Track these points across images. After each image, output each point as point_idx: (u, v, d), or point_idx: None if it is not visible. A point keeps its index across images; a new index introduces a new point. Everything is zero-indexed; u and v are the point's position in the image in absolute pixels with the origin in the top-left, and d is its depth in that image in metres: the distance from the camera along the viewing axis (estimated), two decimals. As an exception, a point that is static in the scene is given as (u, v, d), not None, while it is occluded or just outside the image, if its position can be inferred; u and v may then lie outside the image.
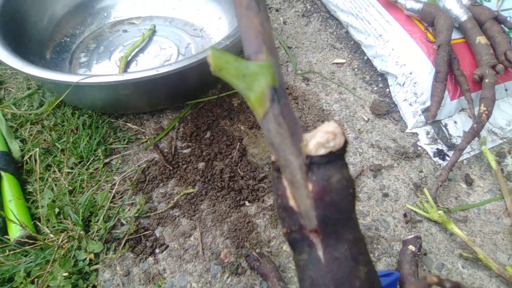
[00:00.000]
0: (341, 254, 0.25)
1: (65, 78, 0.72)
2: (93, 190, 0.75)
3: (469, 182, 0.79)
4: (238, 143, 0.83)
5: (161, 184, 0.78)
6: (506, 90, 0.90)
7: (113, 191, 0.76)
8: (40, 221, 0.72)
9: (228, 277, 0.66)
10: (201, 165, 0.80)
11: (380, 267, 0.68)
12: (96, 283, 0.66)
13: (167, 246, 0.70)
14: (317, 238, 0.25)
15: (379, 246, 0.70)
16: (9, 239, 0.69)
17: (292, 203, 0.24)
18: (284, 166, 0.24)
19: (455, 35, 0.90)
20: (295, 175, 0.24)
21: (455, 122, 0.87)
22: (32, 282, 0.65)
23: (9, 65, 0.73)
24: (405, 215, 0.74)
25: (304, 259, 0.25)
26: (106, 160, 0.81)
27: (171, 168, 0.79)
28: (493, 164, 0.78)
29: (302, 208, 0.24)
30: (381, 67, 0.96)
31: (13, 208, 0.72)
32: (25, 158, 0.81)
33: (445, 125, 0.87)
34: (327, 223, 0.24)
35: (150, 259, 0.69)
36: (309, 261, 0.25)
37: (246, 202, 0.75)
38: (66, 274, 0.65)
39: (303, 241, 0.25)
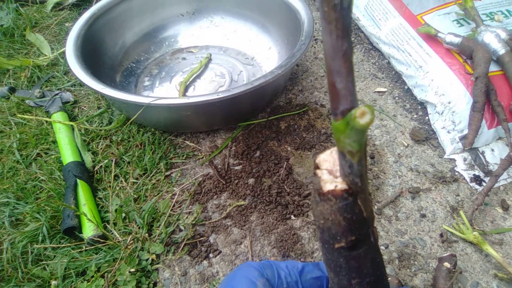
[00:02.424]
0: (374, 236, 0.31)
1: (138, 100, 0.82)
2: (155, 198, 0.85)
3: (505, 207, 0.83)
4: (285, 162, 0.91)
5: (215, 196, 0.86)
6: (543, 121, 0.93)
7: (173, 200, 0.85)
8: (108, 224, 0.81)
9: (274, 282, 0.73)
10: (251, 181, 0.88)
11: (417, 282, 0.73)
12: (157, 280, 0.75)
13: (220, 252, 0.78)
14: (371, 229, 0.30)
15: (415, 263, 0.75)
16: (83, 237, 0.79)
17: (364, 214, 0.28)
18: (362, 190, 0.27)
19: (493, 68, 0.95)
20: (367, 193, 0.28)
21: (492, 150, 0.91)
22: (102, 276, 0.74)
23: (92, 87, 0.84)
24: (441, 235, 0.78)
25: (364, 250, 0.29)
26: (167, 173, 0.91)
27: (224, 183, 0.88)
28: (529, 191, 0.82)
29: (367, 214, 0.28)
30: (421, 96, 1.02)
31: (87, 210, 0.82)
32: (95, 168, 0.92)
33: (482, 153, 0.91)
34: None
35: (205, 262, 0.77)
36: (368, 248, 0.29)
37: (292, 216, 0.82)
38: (132, 270, 0.74)
39: (367, 238, 0.29)
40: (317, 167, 0.29)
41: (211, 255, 0.78)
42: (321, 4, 0.20)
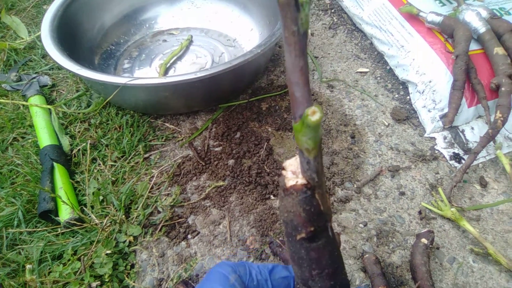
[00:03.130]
0: (333, 232, 0.34)
1: (115, 80, 0.81)
2: (133, 181, 0.84)
3: (483, 184, 0.83)
4: (266, 143, 0.90)
5: (194, 178, 0.85)
6: (522, 98, 0.93)
7: (152, 182, 0.84)
8: (86, 207, 0.80)
9: (253, 261, 0.73)
10: (231, 162, 0.88)
11: (395, 258, 0.73)
12: (134, 262, 0.74)
13: (199, 233, 0.77)
14: (329, 224, 0.33)
15: (394, 240, 0.75)
16: (60, 220, 0.77)
17: (321, 208, 0.31)
18: (319, 185, 0.31)
19: (474, 47, 0.95)
20: (324, 189, 0.32)
21: (472, 128, 0.91)
22: (79, 259, 0.74)
23: (67, 68, 0.83)
24: (420, 212, 0.78)
25: (322, 242, 0.33)
26: (146, 155, 0.90)
27: (203, 164, 0.87)
28: (508, 167, 0.82)
29: (324, 209, 0.32)
30: (402, 76, 1.01)
31: (63, 194, 0.81)
32: (73, 152, 0.91)
33: (462, 131, 0.91)
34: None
35: (183, 243, 0.76)
36: (326, 241, 0.33)
37: (271, 196, 0.82)
38: (108, 252, 0.73)
39: (324, 231, 0.32)
40: (283, 169, 0.32)
41: (189, 236, 0.77)
42: (283, 31, 0.25)
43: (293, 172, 0.32)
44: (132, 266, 0.74)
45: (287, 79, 0.27)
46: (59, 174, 0.84)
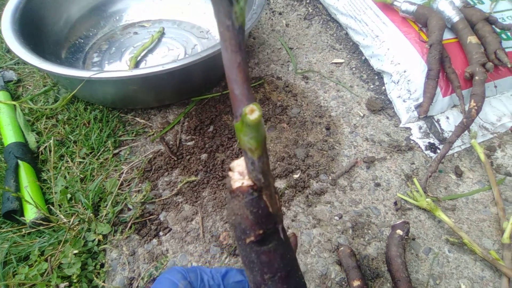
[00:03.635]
0: (285, 233, 0.33)
1: (79, 74, 0.77)
2: (102, 178, 0.81)
3: (458, 174, 0.83)
4: (239, 136, 0.88)
5: (166, 173, 0.83)
6: (495, 87, 0.93)
7: (121, 179, 0.81)
8: (53, 206, 0.77)
9: (226, 257, 0.71)
10: (203, 156, 0.85)
11: (370, 250, 0.72)
12: (104, 261, 0.71)
13: (170, 229, 0.75)
14: (279, 226, 0.32)
15: (369, 231, 0.74)
16: (25, 221, 0.74)
17: (270, 210, 0.30)
18: (266, 186, 0.30)
19: (448, 35, 0.94)
20: (272, 190, 0.31)
21: (447, 118, 0.91)
22: (46, 260, 0.71)
23: (28, 62, 0.79)
24: (395, 203, 0.78)
25: (273, 245, 0.31)
26: (115, 151, 0.87)
27: (175, 159, 0.85)
28: (482, 156, 0.82)
29: (273, 210, 0.31)
30: (377, 66, 1.00)
31: (29, 192, 0.77)
32: (40, 149, 0.87)
33: (437, 121, 0.91)
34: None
35: (154, 240, 0.74)
36: (277, 244, 0.32)
37: (245, 190, 0.80)
38: (76, 252, 0.70)
39: (275, 233, 0.31)
40: (230, 170, 0.31)
41: (161, 233, 0.75)
42: (218, 26, 0.24)
43: (240, 173, 0.31)
44: (102, 265, 0.72)
45: (226, 76, 0.26)
46: (25, 173, 0.80)
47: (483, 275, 0.69)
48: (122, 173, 0.82)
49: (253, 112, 0.25)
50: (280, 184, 0.81)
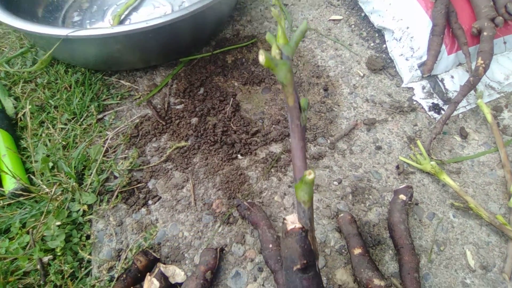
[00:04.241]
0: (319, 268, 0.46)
1: (56, 32, 0.71)
2: (86, 144, 0.76)
3: (463, 135, 0.78)
4: (232, 98, 0.83)
5: (154, 139, 0.78)
6: (505, 43, 0.88)
7: (106, 145, 0.76)
8: (34, 175, 0.72)
9: (219, 226, 0.67)
10: (194, 120, 0.80)
11: (371, 216, 0.68)
12: (89, 233, 0.67)
13: (160, 198, 0.71)
14: (317, 261, 0.44)
15: (370, 197, 0.70)
16: (4, 192, 0.69)
17: (312, 247, 0.42)
18: (311, 230, 0.42)
19: (454, -12, 0.88)
20: (314, 234, 0.44)
21: (452, 77, 0.86)
22: (27, 233, 0.66)
23: (0, 21, 0.72)
24: (397, 167, 0.73)
25: (312, 274, 0.42)
26: (99, 116, 0.81)
27: (164, 123, 0.79)
28: (489, 117, 0.77)
29: (314, 248, 0.42)
30: (378, 22, 0.94)
31: (8, 162, 0.72)
32: (19, 115, 0.81)
33: (442, 80, 0.85)
34: None
35: (143, 210, 0.69)
36: (315, 274, 0.42)
37: (239, 156, 0.75)
38: (60, 223, 0.66)
39: (313, 266, 0.42)
40: (284, 220, 0.43)
41: (149, 201, 0.70)
42: (290, 124, 0.37)
43: (292, 222, 0.42)
44: (88, 237, 0.68)
45: (292, 153, 0.40)
46: (3, 140, 0.75)
47: (489, 240, 0.65)
48: (107, 139, 0.77)
49: (310, 174, 0.37)
50: (276, 148, 0.76)
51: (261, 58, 0.32)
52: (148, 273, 0.60)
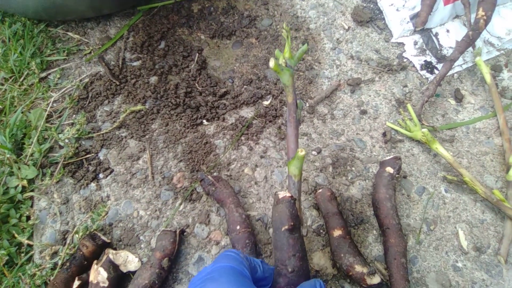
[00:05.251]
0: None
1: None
2: (26, 108, 0.65)
3: (458, 98, 0.70)
4: (197, 54, 0.72)
5: (106, 101, 0.67)
6: (508, -8, 0.78)
7: (50, 109, 0.65)
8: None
9: (180, 204, 0.58)
10: (153, 79, 0.69)
11: (354, 191, 0.60)
12: (29, 213, 0.58)
13: (112, 171, 0.61)
14: (301, 226, 0.51)
15: (353, 169, 0.62)
16: None
17: (298, 213, 0.48)
18: (298, 199, 0.50)
19: None
20: (300, 204, 0.51)
21: (448, 31, 0.76)
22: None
23: None
24: (384, 134, 0.65)
25: (297, 235, 0.47)
26: (42, 75, 0.70)
27: (118, 83, 0.68)
28: (488, 77, 0.69)
29: (299, 215, 0.49)
30: (366, -33, 0.82)
31: None
32: None
33: (436, 34, 0.76)
34: None
35: (92, 184, 0.60)
36: (299, 236, 0.47)
37: (204, 121, 0.66)
38: (-8, 202, 0.56)
39: (298, 228, 0.48)
40: (276, 193, 0.49)
41: (100, 175, 0.61)
42: (288, 115, 0.50)
43: (282, 193, 0.48)
44: (28, 218, 0.59)
45: (286, 139, 0.51)
46: None
47: (484, 218, 0.59)
48: (51, 102, 0.66)
49: (302, 151, 0.46)
50: (247, 113, 0.67)
51: (271, 63, 0.46)
52: (95, 261, 0.52)
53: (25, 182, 0.60)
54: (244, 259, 0.43)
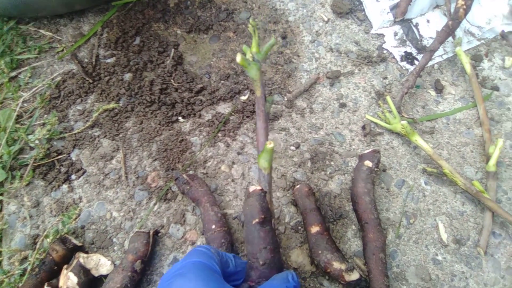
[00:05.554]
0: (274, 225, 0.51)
1: None
2: (-5, 109, 0.63)
3: (439, 89, 0.69)
4: (173, 49, 0.70)
5: (79, 100, 0.65)
6: (488, -20, 0.77)
7: (20, 109, 0.63)
8: None
9: (155, 204, 0.57)
10: (127, 76, 0.67)
11: (332, 186, 0.59)
12: (-2, 217, 0.56)
13: (85, 171, 0.60)
14: (272, 219, 0.49)
15: (332, 163, 0.61)
16: None
17: (269, 206, 0.48)
18: (269, 192, 0.49)
19: None
20: (271, 197, 0.50)
21: (428, 21, 0.75)
22: None
23: None
24: (363, 127, 0.64)
25: (268, 228, 0.46)
26: (12, 74, 0.68)
27: (91, 81, 0.67)
28: (468, 67, 0.68)
29: (270, 207, 0.48)
30: (345, -43, 0.81)
31: None
32: None
33: (416, 25, 0.75)
34: None
35: (64, 186, 0.58)
36: (270, 228, 0.46)
37: (180, 118, 0.64)
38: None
39: (269, 221, 0.47)
40: (247, 187, 0.51)
41: (72, 176, 0.59)
42: (257, 110, 0.49)
43: (253, 187, 0.48)
44: (-3, 221, 0.57)
45: (256, 134, 0.50)
46: None
47: (464, 210, 0.58)
48: (21, 101, 0.64)
49: (270, 144, 0.45)
50: (224, 108, 0.65)
51: (238, 58, 0.45)
52: (65, 266, 0.50)
53: (-6, 185, 0.58)
54: (215, 254, 0.43)
